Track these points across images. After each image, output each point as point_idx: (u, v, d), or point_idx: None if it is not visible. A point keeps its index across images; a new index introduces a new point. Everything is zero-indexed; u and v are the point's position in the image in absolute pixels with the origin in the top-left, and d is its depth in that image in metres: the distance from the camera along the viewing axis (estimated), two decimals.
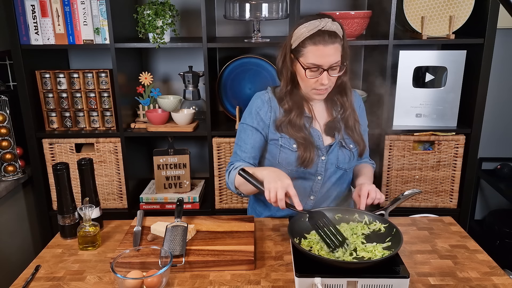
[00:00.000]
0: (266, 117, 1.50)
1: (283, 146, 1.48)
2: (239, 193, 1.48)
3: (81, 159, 1.42)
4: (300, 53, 1.40)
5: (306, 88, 1.46)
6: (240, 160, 1.50)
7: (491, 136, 2.58)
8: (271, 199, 1.25)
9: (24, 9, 2.02)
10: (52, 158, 2.19)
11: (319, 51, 1.36)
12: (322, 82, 1.39)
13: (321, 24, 1.36)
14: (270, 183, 1.25)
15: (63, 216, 1.40)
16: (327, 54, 1.36)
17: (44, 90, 2.15)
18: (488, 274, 1.21)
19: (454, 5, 2.05)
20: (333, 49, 1.37)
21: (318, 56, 1.37)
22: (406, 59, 2.09)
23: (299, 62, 1.41)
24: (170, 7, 2.12)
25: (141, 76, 2.24)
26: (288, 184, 1.25)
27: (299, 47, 1.40)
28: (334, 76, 1.41)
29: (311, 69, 1.39)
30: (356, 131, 1.52)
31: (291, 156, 1.47)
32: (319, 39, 1.36)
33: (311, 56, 1.38)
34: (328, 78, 1.39)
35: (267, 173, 1.31)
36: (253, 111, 1.52)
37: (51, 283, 1.19)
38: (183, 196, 2.25)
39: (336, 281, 1.08)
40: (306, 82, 1.43)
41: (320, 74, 1.39)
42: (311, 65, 1.38)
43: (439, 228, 1.48)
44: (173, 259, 1.17)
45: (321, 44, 1.36)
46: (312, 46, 1.37)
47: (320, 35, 1.36)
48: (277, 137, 1.49)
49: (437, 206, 2.25)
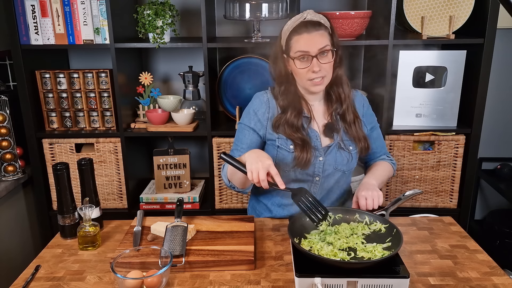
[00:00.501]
0: (263, 117, 1.50)
1: (280, 147, 1.48)
2: (232, 186, 1.48)
3: (81, 159, 1.42)
4: (289, 47, 1.42)
5: (302, 82, 1.45)
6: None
7: (491, 136, 2.58)
8: (254, 179, 1.26)
9: (24, 9, 2.02)
10: (52, 158, 2.19)
11: (303, 38, 1.38)
12: (313, 69, 1.38)
13: (303, 16, 1.40)
14: (251, 164, 1.27)
15: (63, 216, 1.40)
16: (313, 41, 1.37)
17: (44, 90, 2.15)
18: (488, 274, 1.21)
19: (454, 5, 2.05)
20: (317, 35, 1.38)
21: (303, 44, 1.38)
22: (406, 59, 2.09)
23: (290, 57, 1.42)
24: (170, 7, 2.12)
25: (141, 76, 2.24)
26: (268, 164, 1.27)
27: (287, 42, 1.42)
28: (324, 62, 1.40)
29: (300, 59, 1.40)
30: (355, 126, 1.50)
31: (288, 157, 1.47)
32: (303, 29, 1.38)
33: (297, 45, 1.39)
34: (318, 65, 1.38)
35: (248, 155, 1.32)
36: (251, 112, 1.52)
37: (51, 283, 1.19)
38: (183, 196, 2.25)
39: (336, 281, 1.08)
40: (299, 75, 1.43)
41: (310, 62, 1.39)
42: (298, 53, 1.39)
43: (439, 228, 1.48)
44: (173, 259, 1.17)
45: (305, 32, 1.38)
46: (297, 36, 1.39)
47: (303, 26, 1.39)
48: (274, 137, 1.49)
49: (437, 206, 2.25)
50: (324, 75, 1.42)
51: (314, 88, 1.44)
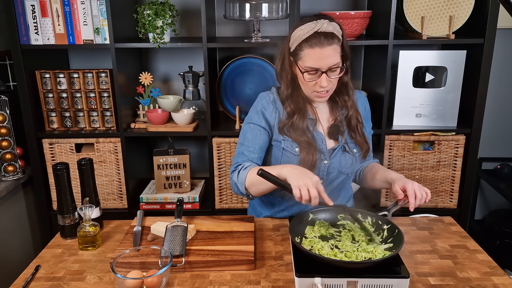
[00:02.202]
0: (271, 118, 1.49)
1: (285, 149, 1.47)
2: (247, 194, 1.44)
3: (81, 159, 1.42)
4: (298, 56, 1.39)
5: (306, 91, 1.44)
6: (248, 161, 1.47)
7: (491, 136, 2.58)
8: (304, 197, 1.21)
9: (24, 9, 2.02)
10: (52, 158, 2.19)
11: (316, 53, 1.34)
12: (321, 84, 1.37)
13: (317, 26, 1.34)
14: (298, 180, 1.23)
15: (63, 216, 1.40)
16: (325, 56, 1.34)
17: (44, 90, 2.15)
18: (488, 274, 1.21)
19: (454, 5, 2.05)
20: (330, 50, 1.34)
21: (315, 59, 1.35)
22: (406, 59, 2.09)
23: (298, 66, 1.40)
24: (170, 7, 2.12)
25: (141, 76, 2.24)
26: (317, 181, 1.24)
27: (297, 50, 1.39)
28: (333, 78, 1.39)
29: (309, 72, 1.38)
30: (358, 132, 1.50)
31: (293, 160, 1.46)
32: (315, 42, 1.34)
33: (308, 59, 1.36)
34: (327, 80, 1.37)
35: (288, 170, 1.28)
36: (259, 111, 1.50)
37: (51, 283, 1.19)
38: (183, 196, 2.25)
39: (336, 281, 1.08)
40: (305, 85, 1.42)
41: (318, 77, 1.37)
42: (309, 68, 1.37)
43: (439, 228, 1.48)
44: (173, 259, 1.17)
45: (318, 47, 1.34)
46: (309, 49, 1.35)
47: (316, 37, 1.34)
48: (280, 139, 1.48)
49: (437, 206, 2.25)
50: (330, 89, 1.42)
51: (318, 100, 1.45)
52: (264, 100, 1.51)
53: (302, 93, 1.48)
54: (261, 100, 1.52)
